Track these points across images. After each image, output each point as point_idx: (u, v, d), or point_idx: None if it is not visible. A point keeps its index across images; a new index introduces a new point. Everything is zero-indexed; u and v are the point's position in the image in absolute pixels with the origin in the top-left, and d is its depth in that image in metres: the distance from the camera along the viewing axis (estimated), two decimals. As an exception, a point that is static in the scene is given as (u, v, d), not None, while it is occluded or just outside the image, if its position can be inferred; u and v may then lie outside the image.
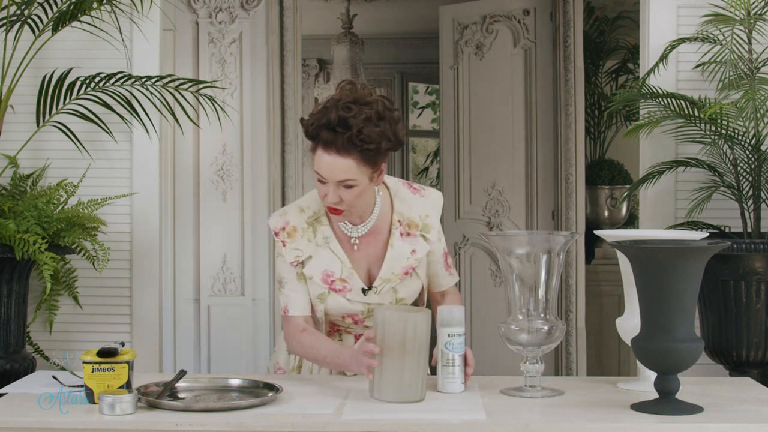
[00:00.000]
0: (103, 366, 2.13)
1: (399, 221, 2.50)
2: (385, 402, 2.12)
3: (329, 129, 2.28)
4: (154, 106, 3.61)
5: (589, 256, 5.47)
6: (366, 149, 2.29)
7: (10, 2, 3.42)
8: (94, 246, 3.36)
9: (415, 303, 2.58)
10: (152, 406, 2.09)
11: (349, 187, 2.33)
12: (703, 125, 3.36)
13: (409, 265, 2.49)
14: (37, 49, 3.47)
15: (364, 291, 2.47)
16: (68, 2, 3.44)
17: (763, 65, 3.34)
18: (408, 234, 2.50)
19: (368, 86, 2.38)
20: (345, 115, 2.28)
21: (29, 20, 3.44)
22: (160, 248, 3.76)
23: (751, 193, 3.32)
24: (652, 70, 3.49)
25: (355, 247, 2.49)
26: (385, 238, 2.50)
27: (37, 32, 3.47)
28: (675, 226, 3.53)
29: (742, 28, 3.31)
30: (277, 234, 2.49)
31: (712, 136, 3.34)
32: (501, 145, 5.46)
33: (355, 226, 2.48)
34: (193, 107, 4.00)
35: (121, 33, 3.55)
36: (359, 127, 2.27)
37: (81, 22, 3.49)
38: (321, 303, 2.48)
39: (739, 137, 3.30)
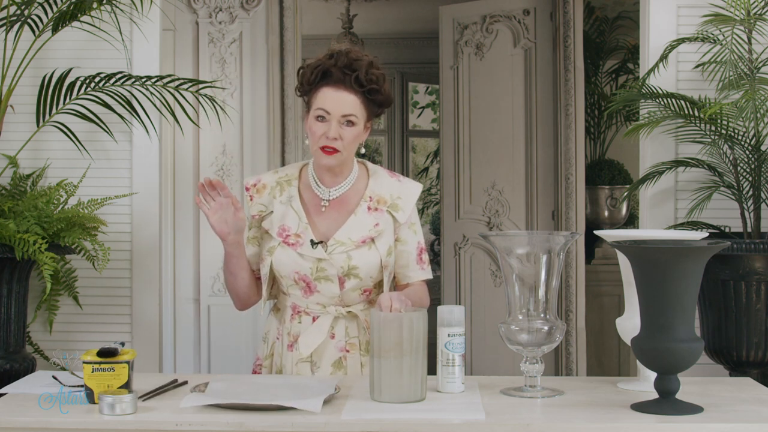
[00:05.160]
0: (103, 366, 2.13)
1: (370, 197, 2.58)
2: (386, 403, 2.12)
3: (338, 68, 2.47)
4: (154, 106, 3.61)
5: (589, 256, 5.47)
6: (371, 89, 2.48)
7: (10, 2, 3.42)
8: (94, 246, 3.36)
9: (376, 284, 2.57)
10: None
11: (351, 124, 2.48)
12: (703, 125, 3.36)
13: (368, 235, 2.53)
14: (37, 49, 3.47)
15: (312, 243, 2.51)
16: (68, 2, 3.44)
17: (763, 65, 3.34)
18: (376, 209, 2.57)
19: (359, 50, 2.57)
20: (352, 59, 2.48)
21: (29, 20, 3.44)
22: (160, 248, 3.76)
23: (751, 193, 3.33)
24: (652, 70, 3.49)
25: (323, 209, 2.57)
26: (352, 208, 2.57)
27: (37, 32, 3.47)
28: (675, 226, 3.53)
29: (742, 28, 3.31)
30: (248, 189, 2.65)
31: (712, 136, 3.34)
32: (501, 145, 5.46)
33: (328, 189, 2.57)
34: (193, 107, 4.00)
35: (121, 33, 3.55)
36: (366, 69, 2.47)
37: (81, 22, 3.49)
38: (269, 255, 2.55)
39: (739, 137, 3.31)
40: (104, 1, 3.46)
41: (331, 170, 2.56)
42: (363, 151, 2.59)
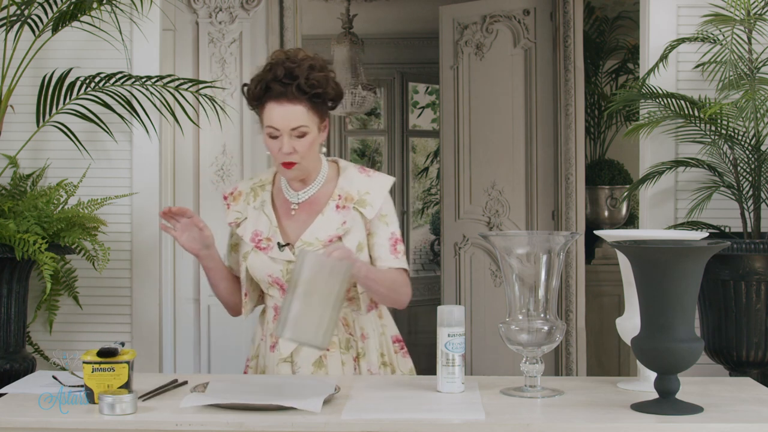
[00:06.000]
0: (103, 366, 2.14)
1: (339, 195, 2.59)
2: (285, 339, 2.16)
3: (277, 82, 2.45)
4: (154, 106, 3.61)
5: (589, 256, 5.47)
6: (314, 94, 2.46)
7: (10, 2, 3.42)
8: (94, 246, 3.36)
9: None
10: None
11: (302, 135, 2.48)
12: (703, 125, 3.36)
13: (335, 234, 2.54)
14: (37, 49, 3.47)
15: (279, 245, 2.54)
16: (68, 2, 3.44)
17: (763, 65, 3.34)
18: (344, 207, 2.57)
19: (301, 49, 2.56)
20: (291, 66, 2.46)
21: (29, 20, 3.44)
22: (160, 248, 3.76)
23: (751, 193, 3.33)
24: (652, 70, 3.49)
25: (293, 212, 2.59)
26: (321, 208, 2.58)
27: (37, 32, 3.47)
28: (675, 226, 3.53)
29: (742, 28, 3.31)
30: (225, 198, 2.69)
31: (712, 136, 3.34)
32: (501, 145, 5.46)
33: (297, 192, 2.60)
34: (193, 107, 4.00)
35: (121, 33, 3.55)
36: (306, 75, 2.46)
37: (81, 22, 3.49)
38: (244, 261, 2.60)
39: (739, 137, 3.31)
40: (104, 1, 3.46)
41: (297, 178, 2.58)
42: (324, 150, 2.61)
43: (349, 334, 2.60)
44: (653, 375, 2.17)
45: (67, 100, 3.54)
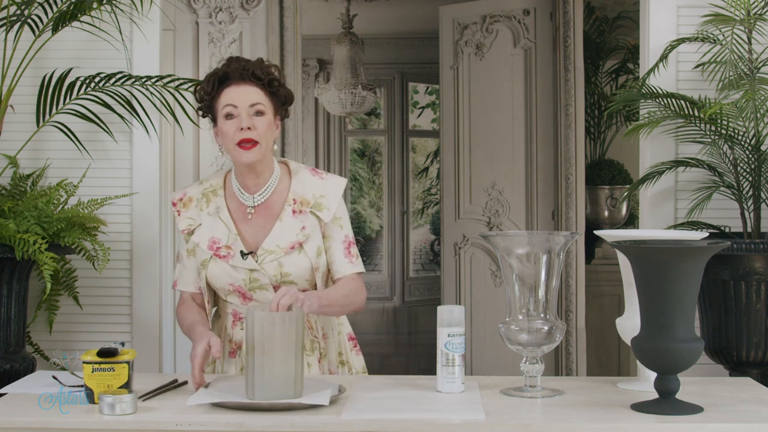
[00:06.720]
0: (103, 366, 2.14)
1: (294, 200, 2.57)
2: (258, 401, 2.09)
3: (234, 70, 2.52)
4: (154, 106, 3.61)
5: (589, 256, 5.47)
6: (271, 80, 2.52)
7: (10, 2, 3.42)
8: (94, 246, 3.36)
9: (313, 285, 2.58)
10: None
11: (260, 113, 2.49)
12: (703, 125, 3.37)
13: (296, 240, 2.53)
14: (37, 49, 3.47)
15: (242, 254, 2.51)
16: (68, 2, 3.45)
17: (763, 65, 3.34)
18: (300, 212, 2.56)
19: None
20: (244, 61, 2.55)
21: (29, 20, 3.44)
22: (160, 248, 3.77)
23: (751, 193, 3.33)
24: (652, 70, 3.49)
25: (250, 216, 2.56)
26: (278, 213, 2.56)
27: (37, 32, 3.47)
28: (675, 226, 3.53)
29: (742, 28, 3.32)
30: (174, 204, 2.63)
31: (712, 136, 3.35)
32: (501, 145, 5.47)
33: (252, 195, 2.57)
34: (193, 107, 4.00)
35: (121, 33, 3.55)
36: (260, 65, 2.54)
37: (81, 22, 3.49)
38: (203, 269, 2.56)
39: (739, 137, 3.31)
40: (104, 1, 3.46)
41: (253, 170, 2.53)
42: (276, 147, 2.60)
43: (314, 336, 2.60)
44: (653, 375, 2.17)
45: (67, 100, 3.54)
